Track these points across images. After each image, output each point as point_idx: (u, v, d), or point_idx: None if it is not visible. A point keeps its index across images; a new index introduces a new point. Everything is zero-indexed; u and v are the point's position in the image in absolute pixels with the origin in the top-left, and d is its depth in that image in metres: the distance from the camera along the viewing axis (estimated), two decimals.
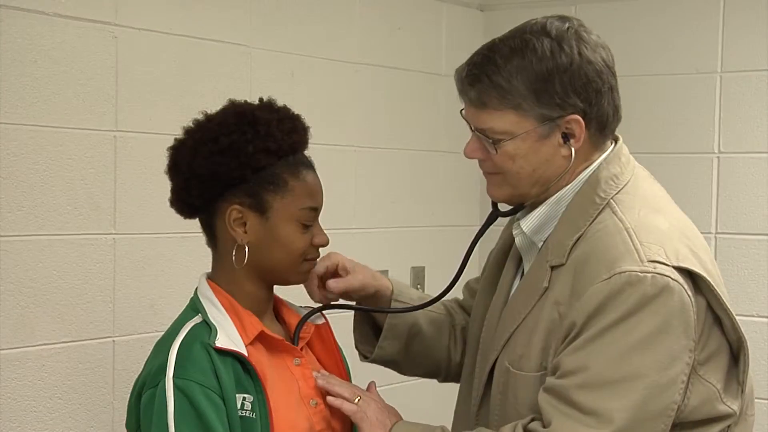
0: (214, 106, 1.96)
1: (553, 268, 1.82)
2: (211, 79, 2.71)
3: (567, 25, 1.82)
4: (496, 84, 1.79)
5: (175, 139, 1.91)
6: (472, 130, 1.88)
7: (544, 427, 1.73)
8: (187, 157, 1.86)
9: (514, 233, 1.93)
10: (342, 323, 2.30)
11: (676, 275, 1.72)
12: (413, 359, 2.14)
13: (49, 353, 2.39)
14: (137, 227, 2.54)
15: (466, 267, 2.03)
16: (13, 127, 2.31)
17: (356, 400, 1.92)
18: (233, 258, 1.86)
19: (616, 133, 1.91)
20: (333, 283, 2.04)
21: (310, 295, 2.05)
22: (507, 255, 2.02)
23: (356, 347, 2.17)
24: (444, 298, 2.16)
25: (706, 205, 3.28)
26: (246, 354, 1.81)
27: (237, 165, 1.83)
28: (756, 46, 3.22)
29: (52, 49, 2.37)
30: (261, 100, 1.93)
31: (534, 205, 1.90)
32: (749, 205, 3.25)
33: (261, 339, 1.87)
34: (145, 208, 2.54)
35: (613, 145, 1.89)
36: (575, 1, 3.38)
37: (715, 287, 1.76)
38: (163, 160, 1.92)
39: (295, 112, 1.92)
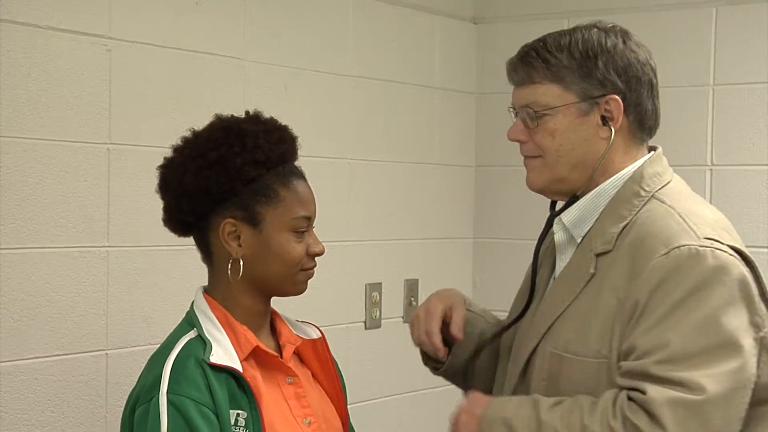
0: (208, 119, 1.96)
1: (598, 255, 1.85)
2: (204, 92, 2.71)
3: (613, 24, 1.95)
4: (543, 58, 1.89)
5: (164, 158, 1.91)
6: (516, 113, 1.94)
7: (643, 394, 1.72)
8: (177, 174, 1.86)
9: (554, 230, 1.96)
10: (338, 337, 2.30)
11: (733, 253, 1.78)
12: (480, 369, 2.11)
13: (42, 366, 2.38)
14: (130, 240, 2.54)
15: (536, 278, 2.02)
16: (7, 140, 2.31)
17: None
18: (229, 272, 1.86)
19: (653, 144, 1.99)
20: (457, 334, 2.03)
21: (425, 339, 2.02)
22: (538, 266, 2.04)
23: (425, 363, 2.14)
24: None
25: None
26: (241, 370, 1.80)
27: (226, 178, 1.83)
28: (748, 59, 3.23)
29: (46, 62, 2.37)
30: (247, 113, 1.93)
31: (574, 200, 1.94)
32: (742, 218, 3.25)
33: (255, 355, 1.86)
34: (139, 220, 2.54)
35: (652, 152, 1.97)
36: (568, 14, 3.39)
37: (761, 275, 1.81)
38: (156, 173, 1.92)
39: (283, 123, 1.92)
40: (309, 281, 1.94)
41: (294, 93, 2.97)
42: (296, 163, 1.92)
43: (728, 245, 1.79)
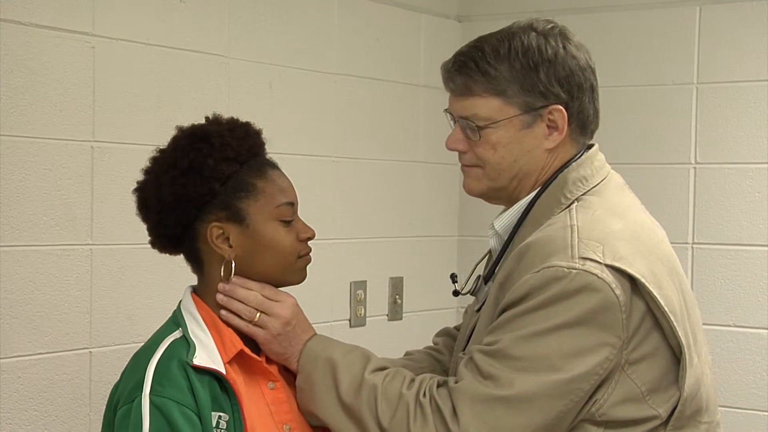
0: (192, 117, 1.96)
1: None
2: (188, 89, 2.71)
3: (552, 24, 1.89)
4: (483, 70, 1.83)
5: (138, 182, 1.90)
6: (456, 121, 1.90)
7: (456, 383, 1.76)
8: (154, 191, 1.85)
9: (489, 236, 1.95)
10: None
11: (605, 274, 1.72)
12: None
13: (25, 365, 2.37)
14: (114, 238, 2.54)
15: None
16: None
17: (256, 317, 1.85)
18: (221, 275, 1.85)
19: (594, 141, 1.93)
20: None
21: None
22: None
23: None
24: (431, 347, 2.16)
25: (682, 215, 3.29)
26: (224, 372, 1.80)
27: (202, 181, 1.83)
28: (732, 58, 3.25)
29: (29, 59, 2.36)
30: (207, 118, 1.93)
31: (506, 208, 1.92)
32: (725, 216, 3.27)
33: (239, 358, 1.86)
34: (123, 218, 2.53)
35: (585, 149, 1.91)
36: (553, 12, 3.40)
37: (652, 290, 1.74)
38: (140, 171, 1.92)
39: (244, 121, 1.93)
40: None
41: (278, 91, 2.97)
42: (268, 156, 1.93)
43: (606, 264, 1.72)
